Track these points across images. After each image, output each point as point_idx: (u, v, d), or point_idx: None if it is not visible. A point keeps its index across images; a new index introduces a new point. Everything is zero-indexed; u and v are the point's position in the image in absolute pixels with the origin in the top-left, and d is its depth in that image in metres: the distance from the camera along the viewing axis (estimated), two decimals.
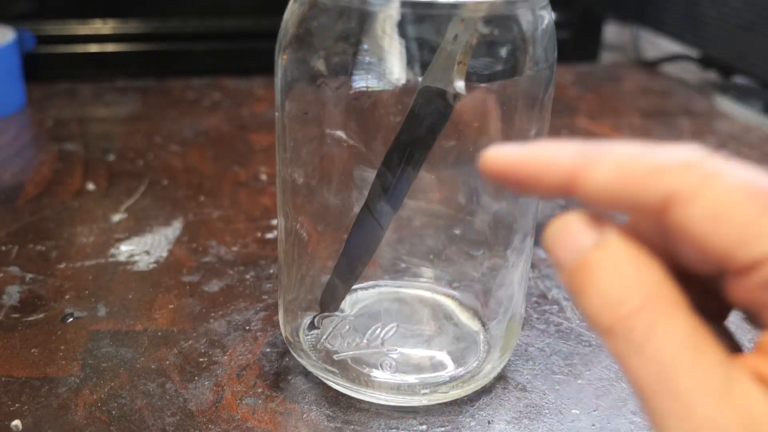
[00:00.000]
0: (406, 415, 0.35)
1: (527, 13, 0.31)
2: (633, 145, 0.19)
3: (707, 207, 0.18)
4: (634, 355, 0.18)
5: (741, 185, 0.18)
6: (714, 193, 0.18)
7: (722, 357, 0.18)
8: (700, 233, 0.18)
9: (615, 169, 0.19)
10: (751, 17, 0.77)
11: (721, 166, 0.19)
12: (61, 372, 0.37)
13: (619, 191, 0.19)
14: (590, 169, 0.19)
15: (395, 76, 0.31)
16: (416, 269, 0.40)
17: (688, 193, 0.18)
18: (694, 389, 0.17)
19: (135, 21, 0.80)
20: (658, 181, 0.18)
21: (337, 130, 0.33)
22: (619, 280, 0.19)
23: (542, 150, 0.20)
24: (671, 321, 0.18)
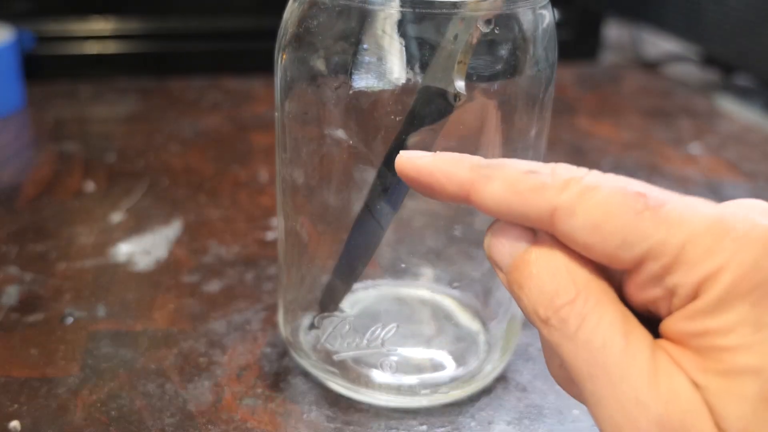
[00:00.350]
0: (406, 416, 0.35)
1: (528, 12, 0.31)
2: (524, 163, 0.22)
3: (587, 218, 0.20)
4: (569, 342, 0.20)
5: (615, 194, 0.20)
6: (591, 205, 0.20)
7: (649, 341, 0.20)
8: (585, 242, 0.20)
9: (503, 186, 0.21)
10: (752, 16, 0.77)
11: (596, 180, 0.21)
12: (60, 372, 0.37)
13: (507, 207, 0.21)
14: (483, 185, 0.22)
15: (395, 76, 0.31)
16: (416, 269, 0.40)
17: (569, 207, 0.20)
18: (622, 370, 0.19)
19: (135, 21, 0.80)
20: (541, 198, 0.21)
21: (337, 130, 0.33)
22: (554, 275, 0.21)
23: (445, 162, 0.23)
24: (601, 310, 0.20)
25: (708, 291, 0.19)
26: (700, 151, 0.68)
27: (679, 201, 0.20)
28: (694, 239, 0.19)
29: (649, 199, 0.20)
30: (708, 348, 0.19)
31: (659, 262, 0.20)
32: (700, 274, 0.19)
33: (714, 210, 0.20)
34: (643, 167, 0.64)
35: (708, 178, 0.62)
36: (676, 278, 0.20)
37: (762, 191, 0.60)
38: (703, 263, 0.19)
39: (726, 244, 0.19)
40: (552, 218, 0.21)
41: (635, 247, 0.20)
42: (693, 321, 0.19)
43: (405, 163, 0.24)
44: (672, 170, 0.64)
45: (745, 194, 0.59)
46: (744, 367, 0.19)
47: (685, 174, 0.63)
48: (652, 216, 0.20)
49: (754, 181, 0.62)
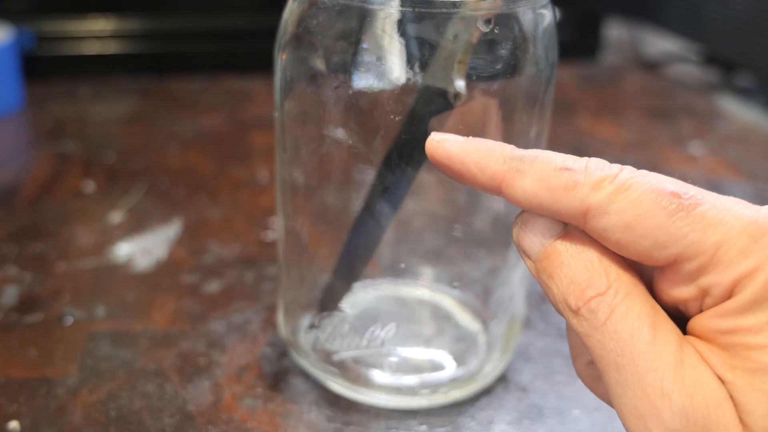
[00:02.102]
0: (406, 416, 0.35)
1: (528, 11, 0.31)
2: (557, 158, 0.22)
3: (619, 218, 0.20)
4: (597, 332, 0.20)
5: (648, 194, 0.20)
6: (624, 205, 0.20)
7: (677, 335, 0.20)
8: (618, 241, 0.20)
9: (536, 182, 0.21)
10: (753, 14, 0.77)
11: (630, 178, 0.21)
12: (59, 373, 0.37)
13: (539, 203, 0.21)
14: (516, 179, 0.22)
15: (395, 76, 0.31)
16: (416, 269, 0.40)
17: (601, 207, 0.20)
18: (649, 361, 0.20)
19: (135, 20, 0.80)
20: (574, 197, 0.21)
21: (337, 129, 0.33)
22: (586, 267, 0.21)
23: (477, 151, 0.23)
24: (630, 302, 0.20)
25: (742, 291, 0.19)
26: (701, 151, 0.68)
27: (715, 201, 0.20)
28: (730, 240, 0.19)
29: (683, 199, 0.20)
30: (737, 345, 0.19)
31: (694, 263, 0.20)
32: (735, 275, 0.19)
33: (749, 211, 0.20)
34: (643, 167, 0.64)
35: (708, 178, 0.62)
36: (710, 278, 0.20)
37: (762, 191, 0.60)
38: (738, 264, 0.19)
39: (762, 245, 0.19)
40: (585, 217, 0.21)
41: (669, 248, 0.20)
42: (725, 319, 0.20)
43: (436, 147, 0.23)
44: (672, 170, 0.63)
45: (745, 194, 0.59)
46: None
47: (685, 174, 0.63)
48: (687, 216, 0.20)
49: (754, 181, 0.62)
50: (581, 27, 0.90)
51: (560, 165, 0.21)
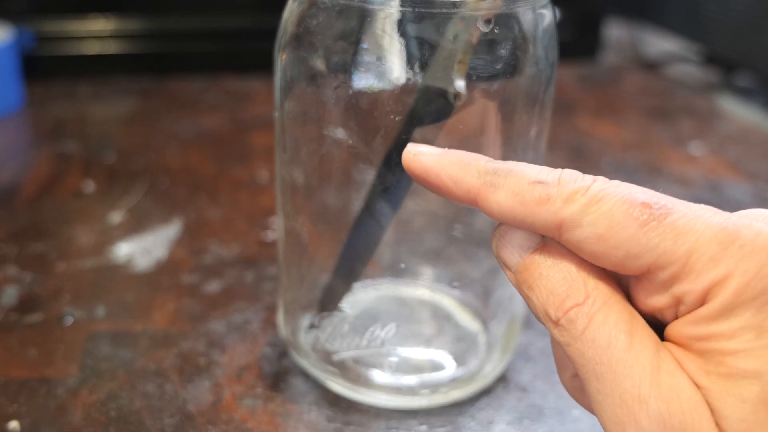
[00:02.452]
0: (406, 416, 0.35)
1: (528, 11, 0.31)
2: (531, 171, 0.22)
3: (592, 230, 0.20)
4: (576, 341, 0.21)
5: (619, 206, 0.20)
6: (596, 217, 0.20)
7: (654, 341, 0.20)
8: (592, 252, 0.21)
9: (510, 196, 0.22)
10: (753, 14, 0.77)
11: (602, 190, 0.21)
12: (59, 373, 0.37)
13: (513, 217, 0.22)
14: (490, 193, 0.22)
15: (395, 76, 0.31)
16: (416, 269, 0.40)
17: (575, 219, 0.21)
18: (626, 368, 0.20)
19: (135, 20, 0.80)
20: (547, 210, 0.21)
21: (337, 129, 0.33)
22: (564, 277, 0.21)
23: (452, 164, 0.23)
24: (608, 310, 0.21)
25: (714, 298, 0.20)
26: (701, 151, 0.68)
27: (685, 210, 0.20)
28: (700, 248, 0.20)
29: (654, 210, 0.20)
30: (712, 351, 0.20)
31: (666, 272, 0.20)
32: (707, 282, 0.20)
33: (720, 218, 0.20)
34: (643, 167, 0.64)
35: (708, 178, 0.62)
36: (683, 287, 0.20)
37: (762, 191, 0.60)
38: (709, 271, 0.20)
39: (731, 252, 0.19)
40: (559, 230, 0.21)
41: (641, 258, 0.20)
42: (698, 325, 0.20)
43: (411, 161, 0.24)
44: (672, 170, 0.64)
45: (745, 194, 0.59)
46: (746, 370, 0.19)
47: (685, 174, 0.63)
48: (658, 226, 0.20)
49: (754, 181, 0.62)
50: (581, 27, 0.90)
51: (533, 178, 0.22)
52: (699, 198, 0.62)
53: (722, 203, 0.57)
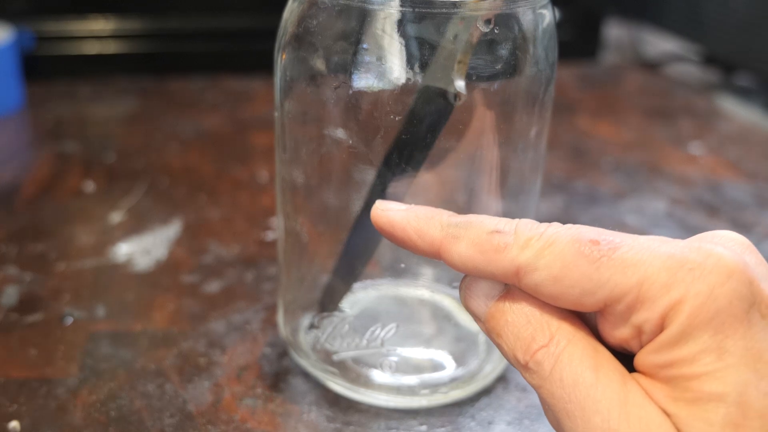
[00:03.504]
0: (406, 416, 0.35)
1: (528, 11, 0.31)
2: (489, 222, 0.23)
3: (548, 273, 0.21)
4: (545, 383, 0.21)
5: (570, 246, 0.21)
6: (550, 260, 0.21)
7: (620, 374, 0.21)
8: (550, 294, 0.22)
9: (470, 247, 0.23)
10: (753, 14, 0.77)
11: (554, 234, 0.22)
12: (59, 373, 0.37)
13: (474, 266, 0.23)
14: (452, 244, 0.23)
15: (395, 76, 0.31)
16: (416, 269, 0.40)
17: (531, 264, 0.21)
18: (594, 403, 0.20)
19: (135, 20, 0.80)
20: (504, 258, 0.22)
21: (337, 129, 0.33)
22: (528, 321, 0.22)
23: (417, 218, 0.24)
24: (572, 349, 0.21)
25: (671, 324, 0.20)
26: (701, 150, 0.68)
27: (633, 242, 0.21)
28: (651, 276, 0.20)
29: (602, 246, 0.21)
30: (676, 378, 0.20)
31: (623, 304, 0.21)
32: (662, 309, 0.20)
33: (669, 246, 0.21)
34: (643, 167, 0.64)
35: (708, 178, 0.62)
36: (640, 316, 0.20)
37: (762, 191, 0.60)
38: (662, 298, 0.20)
39: (681, 276, 0.20)
40: (517, 276, 0.22)
41: (596, 294, 0.21)
42: (660, 353, 0.20)
43: (379, 216, 0.25)
44: (672, 170, 0.64)
45: (745, 194, 0.59)
46: (710, 393, 0.19)
47: (685, 174, 0.63)
48: (608, 261, 0.21)
49: (754, 180, 0.62)
50: (581, 27, 0.90)
51: (492, 228, 0.23)
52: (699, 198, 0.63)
53: (722, 203, 0.57)
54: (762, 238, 0.52)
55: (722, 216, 0.55)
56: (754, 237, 0.53)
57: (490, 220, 0.23)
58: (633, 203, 0.57)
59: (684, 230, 0.53)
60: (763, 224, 0.55)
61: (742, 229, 0.54)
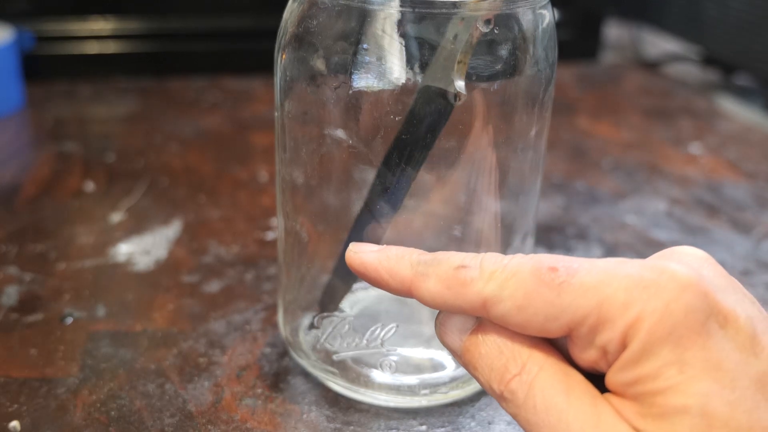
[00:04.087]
0: (406, 416, 0.35)
1: (528, 12, 0.31)
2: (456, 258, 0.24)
3: (512, 303, 0.22)
4: (520, 410, 0.22)
5: (531, 274, 0.22)
6: (513, 291, 0.22)
7: (591, 395, 0.21)
8: (517, 323, 0.22)
9: (438, 283, 0.24)
10: (752, 15, 0.77)
11: (517, 265, 0.22)
12: (59, 372, 0.37)
13: (443, 301, 0.24)
14: (421, 282, 0.24)
15: (395, 76, 0.31)
16: None
17: (496, 295, 0.22)
18: (567, 426, 0.21)
19: (135, 20, 0.80)
20: (471, 291, 0.23)
21: (337, 129, 0.33)
22: (500, 352, 0.23)
23: (388, 259, 0.25)
24: (544, 375, 0.22)
25: (631, 342, 0.20)
26: (701, 150, 0.68)
27: (591, 266, 0.22)
28: (609, 297, 0.21)
29: (560, 272, 0.21)
30: (642, 394, 0.20)
31: (585, 326, 0.21)
32: (622, 328, 0.20)
33: (626, 267, 0.21)
34: (643, 167, 0.64)
35: (708, 178, 0.62)
36: (603, 337, 0.21)
37: (762, 191, 0.60)
38: (621, 317, 0.20)
39: (637, 295, 0.20)
40: (485, 308, 0.23)
41: (560, 319, 0.21)
42: (624, 371, 0.21)
43: (353, 258, 0.26)
44: (672, 170, 0.64)
45: (745, 194, 0.59)
46: (674, 407, 0.20)
47: (685, 174, 0.63)
48: (567, 286, 0.21)
49: (754, 181, 0.62)
50: (581, 27, 0.90)
51: (458, 264, 0.23)
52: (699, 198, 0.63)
53: (722, 203, 0.57)
54: (762, 238, 0.52)
55: (722, 216, 0.55)
56: (754, 237, 0.53)
57: (456, 256, 0.24)
58: (633, 203, 0.57)
59: (684, 230, 0.53)
60: (762, 224, 0.55)
61: (742, 229, 0.54)
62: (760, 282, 0.47)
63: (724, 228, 0.54)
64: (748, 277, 0.47)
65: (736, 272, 0.48)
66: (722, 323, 0.21)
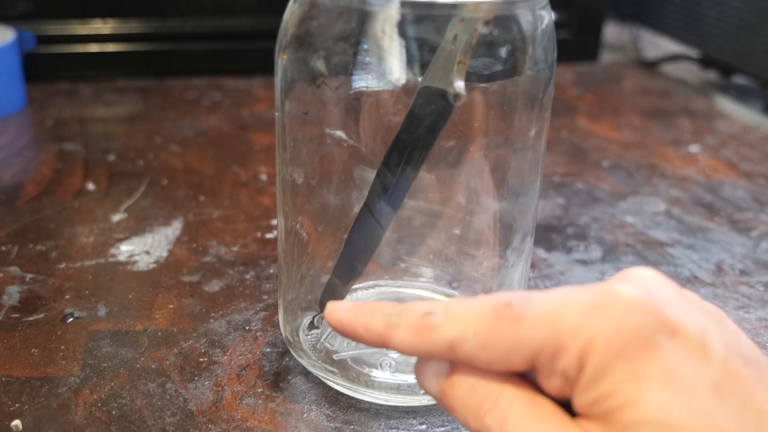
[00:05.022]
0: (406, 415, 0.35)
1: (527, 13, 0.31)
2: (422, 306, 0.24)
3: (476, 342, 0.23)
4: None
5: (490, 312, 0.23)
6: (475, 331, 0.23)
7: (560, 421, 0.22)
8: (483, 361, 0.23)
9: (408, 331, 0.24)
10: (751, 17, 0.77)
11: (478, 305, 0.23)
12: (61, 372, 0.37)
13: (413, 348, 0.24)
14: (393, 333, 0.25)
15: (395, 76, 0.31)
16: (416, 269, 0.40)
17: (460, 337, 0.23)
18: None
19: (135, 21, 0.80)
20: (437, 336, 0.23)
21: (337, 130, 0.33)
22: (473, 391, 0.24)
23: (363, 314, 0.26)
24: (516, 407, 0.23)
25: (587, 363, 0.21)
26: (700, 151, 0.68)
27: (544, 298, 0.22)
28: (563, 325, 0.22)
29: (515, 307, 0.22)
30: (605, 413, 0.21)
31: (544, 355, 0.22)
32: (577, 352, 0.21)
33: (578, 294, 0.22)
34: (643, 167, 0.64)
35: (708, 178, 0.62)
36: (561, 363, 0.22)
37: (762, 191, 0.60)
38: (575, 342, 0.21)
39: (587, 318, 0.21)
40: (451, 350, 0.23)
41: (520, 351, 0.22)
42: (585, 393, 0.21)
43: (330, 315, 0.27)
44: (672, 170, 0.64)
45: (745, 194, 0.59)
46: (633, 420, 0.20)
47: (685, 174, 0.63)
48: (523, 319, 0.22)
49: (753, 181, 0.62)
50: (581, 28, 0.90)
51: (424, 311, 0.24)
52: (698, 198, 0.63)
53: (721, 203, 0.57)
54: (760, 238, 0.53)
55: (721, 216, 0.56)
56: (753, 237, 0.53)
57: (423, 304, 0.25)
58: (632, 203, 0.57)
59: (683, 230, 0.53)
60: (761, 224, 0.55)
61: (741, 229, 0.54)
62: (759, 282, 0.47)
63: (723, 228, 0.54)
64: (747, 277, 0.48)
65: (735, 272, 0.48)
66: (672, 334, 0.21)
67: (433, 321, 0.24)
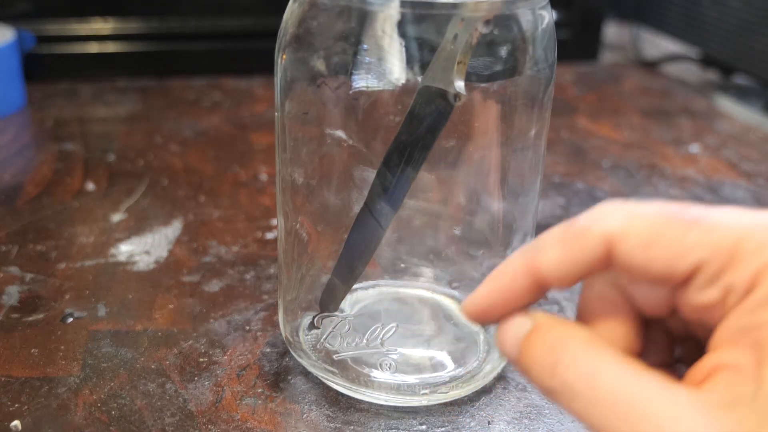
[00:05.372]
0: (406, 415, 0.35)
1: (527, 12, 0.31)
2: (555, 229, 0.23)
3: (640, 238, 0.21)
4: (579, 401, 0.21)
5: (660, 214, 0.21)
6: (641, 226, 0.21)
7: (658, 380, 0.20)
8: (640, 261, 0.21)
9: (557, 246, 0.22)
10: (751, 17, 0.77)
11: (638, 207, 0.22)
12: (60, 372, 0.37)
13: (569, 262, 0.22)
14: (540, 257, 0.22)
15: (395, 76, 0.31)
16: (416, 269, 0.40)
17: (621, 231, 0.21)
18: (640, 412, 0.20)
19: (135, 21, 0.80)
20: (592, 234, 0.21)
21: (337, 130, 0.33)
22: (552, 348, 0.22)
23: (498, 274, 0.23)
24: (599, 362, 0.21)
25: (761, 285, 0.20)
26: (700, 151, 0.68)
27: (722, 210, 0.21)
28: (746, 236, 0.20)
29: (692, 212, 0.21)
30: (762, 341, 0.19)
31: (714, 265, 0.20)
32: (754, 268, 0.20)
33: (756, 215, 0.21)
34: (643, 167, 0.64)
35: (708, 178, 0.62)
36: (732, 276, 0.20)
37: (762, 191, 0.60)
38: (755, 257, 0.20)
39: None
40: (607, 250, 0.21)
41: (690, 255, 0.20)
42: (748, 315, 0.20)
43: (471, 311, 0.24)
44: (672, 170, 0.64)
45: (744, 194, 0.59)
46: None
47: (685, 174, 0.63)
48: (702, 223, 0.21)
49: (753, 181, 0.62)
50: (581, 27, 0.90)
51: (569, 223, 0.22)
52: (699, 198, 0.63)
53: (721, 203, 0.57)
54: None
55: None
56: None
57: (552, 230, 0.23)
58: None
59: None
60: None
61: None
62: None
63: None
64: None
65: None
66: None
67: (580, 224, 0.22)
